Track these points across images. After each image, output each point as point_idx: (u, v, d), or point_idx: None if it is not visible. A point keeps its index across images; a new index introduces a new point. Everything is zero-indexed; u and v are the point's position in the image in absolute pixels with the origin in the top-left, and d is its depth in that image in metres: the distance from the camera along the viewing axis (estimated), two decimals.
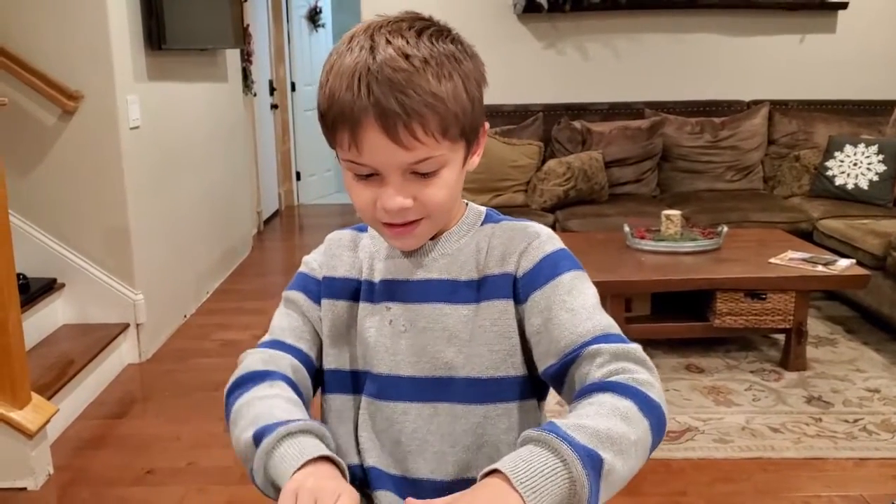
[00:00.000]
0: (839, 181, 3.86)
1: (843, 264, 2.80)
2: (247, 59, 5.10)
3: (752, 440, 2.37)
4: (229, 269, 4.42)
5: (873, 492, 2.10)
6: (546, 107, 4.34)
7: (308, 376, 0.91)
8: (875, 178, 3.77)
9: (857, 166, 3.84)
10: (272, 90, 6.05)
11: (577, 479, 0.65)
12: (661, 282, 2.78)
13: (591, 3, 4.27)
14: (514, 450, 0.69)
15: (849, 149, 3.89)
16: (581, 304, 0.83)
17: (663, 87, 4.42)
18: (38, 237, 2.95)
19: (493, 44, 4.09)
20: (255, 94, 5.40)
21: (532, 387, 0.90)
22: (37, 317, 2.81)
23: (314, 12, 6.64)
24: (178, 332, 3.47)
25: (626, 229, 3.09)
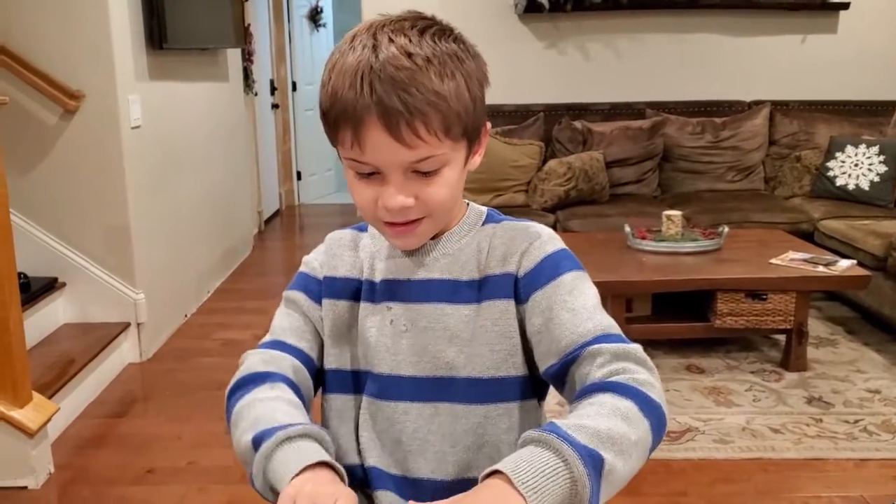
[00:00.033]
0: (840, 182, 3.86)
1: (843, 265, 2.80)
2: (248, 58, 5.11)
3: (753, 441, 2.37)
4: (230, 268, 4.42)
5: (874, 492, 2.10)
6: (547, 107, 4.34)
7: (309, 377, 0.91)
8: (876, 179, 3.77)
9: (858, 167, 3.83)
10: (273, 90, 6.05)
11: (579, 478, 0.65)
12: (662, 282, 2.78)
13: (592, 3, 4.27)
14: (514, 450, 0.69)
15: (850, 149, 3.89)
16: (582, 305, 0.83)
17: (664, 87, 4.42)
18: (39, 236, 2.95)
19: (494, 44, 4.08)
20: (256, 94, 5.40)
21: (533, 387, 0.90)
22: (38, 316, 2.81)
23: (315, 12, 6.64)
24: (179, 332, 3.47)
25: (627, 229, 3.09)
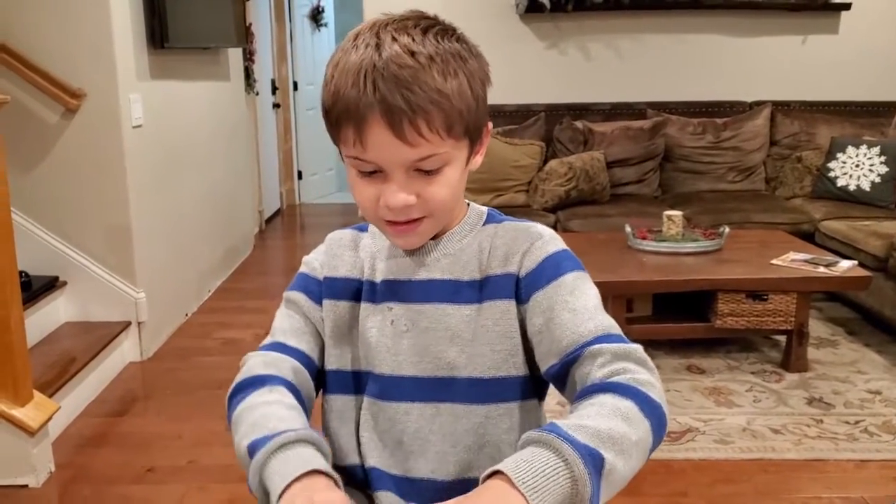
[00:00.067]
0: (841, 182, 3.86)
1: (844, 266, 2.80)
2: (249, 58, 5.11)
3: (753, 441, 2.37)
4: (231, 267, 4.42)
5: (874, 493, 2.10)
6: (548, 107, 4.34)
7: (310, 378, 0.91)
8: (877, 180, 3.77)
9: (859, 168, 3.83)
10: (274, 89, 6.05)
11: (579, 478, 0.65)
12: (663, 282, 2.78)
13: (593, 4, 4.27)
14: (515, 450, 0.69)
15: (851, 150, 3.89)
16: (583, 305, 0.83)
17: (665, 87, 4.42)
18: (40, 235, 2.95)
19: (496, 43, 4.08)
20: (257, 93, 5.40)
21: (533, 387, 0.90)
22: (39, 314, 2.81)
23: (316, 11, 6.64)
24: (180, 331, 3.47)
25: (628, 230, 3.09)
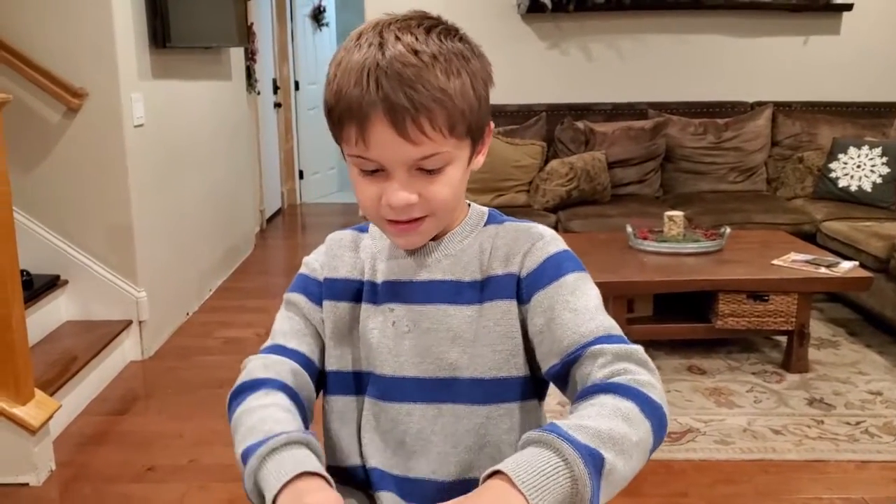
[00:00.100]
0: (843, 183, 3.86)
1: (845, 266, 2.80)
2: (250, 57, 5.11)
3: (754, 442, 2.37)
4: (232, 267, 4.43)
5: (875, 494, 2.10)
6: (549, 107, 4.34)
7: (309, 380, 0.91)
8: (879, 181, 3.77)
9: (860, 168, 3.83)
10: (276, 89, 6.05)
11: (580, 477, 0.65)
12: (664, 283, 2.78)
13: (594, 4, 4.27)
14: (515, 450, 0.69)
15: (853, 151, 3.88)
16: (584, 305, 0.83)
17: (667, 87, 4.42)
18: (41, 234, 2.96)
19: (497, 44, 4.08)
20: (258, 93, 5.40)
21: (533, 387, 0.90)
22: (40, 313, 2.82)
23: (318, 11, 6.64)
24: (181, 330, 3.47)
25: (629, 230, 3.09)
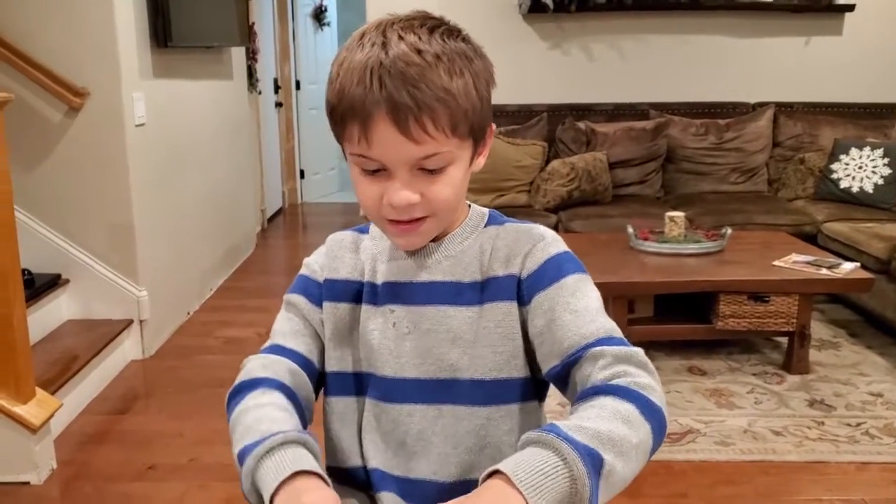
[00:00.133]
0: (844, 184, 3.85)
1: (847, 268, 2.79)
2: (252, 57, 5.11)
3: (754, 443, 2.37)
4: (233, 266, 4.43)
5: (875, 496, 2.10)
6: (550, 107, 4.34)
7: (307, 379, 0.91)
8: (880, 182, 3.77)
9: (862, 169, 3.83)
10: (277, 88, 6.05)
11: (579, 477, 0.65)
12: (665, 283, 2.78)
13: (596, 4, 4.27)
14: (515, 451, 0.69)
15: (854, 152, 3.88)
16: (585, 307, 0.83)
17: (668, 88, 4.42)
18: (43, 233, 2.96)
19: (499, 44, 4.08)
20: (259, 92, 5.40)
21: (534, 388, 0.90)
22: (41, 312, 2.82)
23: (319, 11, 6.65)
24: (182, 329, 3.47)
25: (630, 230, 3.09)
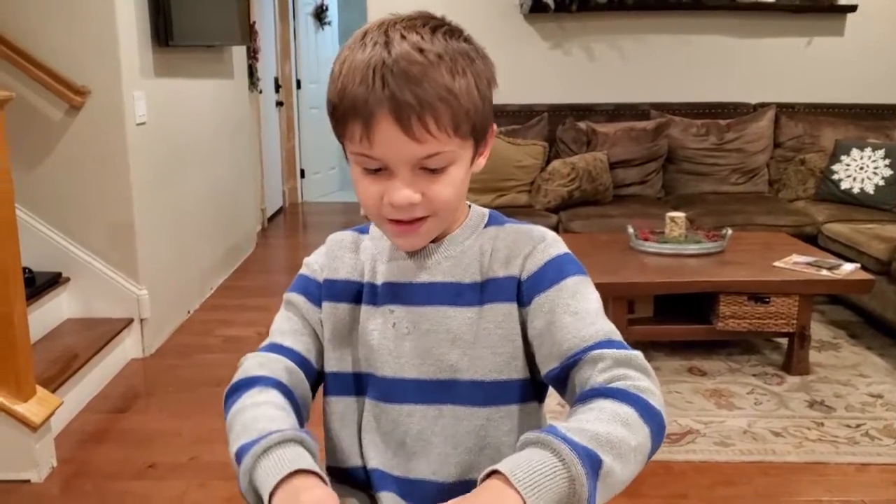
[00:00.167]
0: (845, 185, 3.85)
1: (847, 269, 2.79)
2: (253, 56, 5.11)
3: (754, 444, 2.37)
4: (233, 265, 4.43)
5: (874, 497, 2.10)
6: (551, 107, 4.34)
7: (305, 378, 0.91)
8: (881, 183, 3.77)
9: (863, 170, 3.83)
10: (277, 87, 6.05)
11: (577, 478, 0.65)
12: (665, 284, 2.78)
13: (597, 4, 4.27)
14: (515, 452, 0.69)
15: (855, 153, 3.88)
16: (585, 309, 0.83)
17: (669, 88, 4.42)
18: (43, 231, 2.96)
19: (500, 43, 4.06)
20: (260, 91, 5.40)
21: (533, 389, 0.90)
22: (42, 310, 2.82)
23: (320, 10, 6.65)
24: (182, 328, 3.48)
25: (630, 231, 3.09)
